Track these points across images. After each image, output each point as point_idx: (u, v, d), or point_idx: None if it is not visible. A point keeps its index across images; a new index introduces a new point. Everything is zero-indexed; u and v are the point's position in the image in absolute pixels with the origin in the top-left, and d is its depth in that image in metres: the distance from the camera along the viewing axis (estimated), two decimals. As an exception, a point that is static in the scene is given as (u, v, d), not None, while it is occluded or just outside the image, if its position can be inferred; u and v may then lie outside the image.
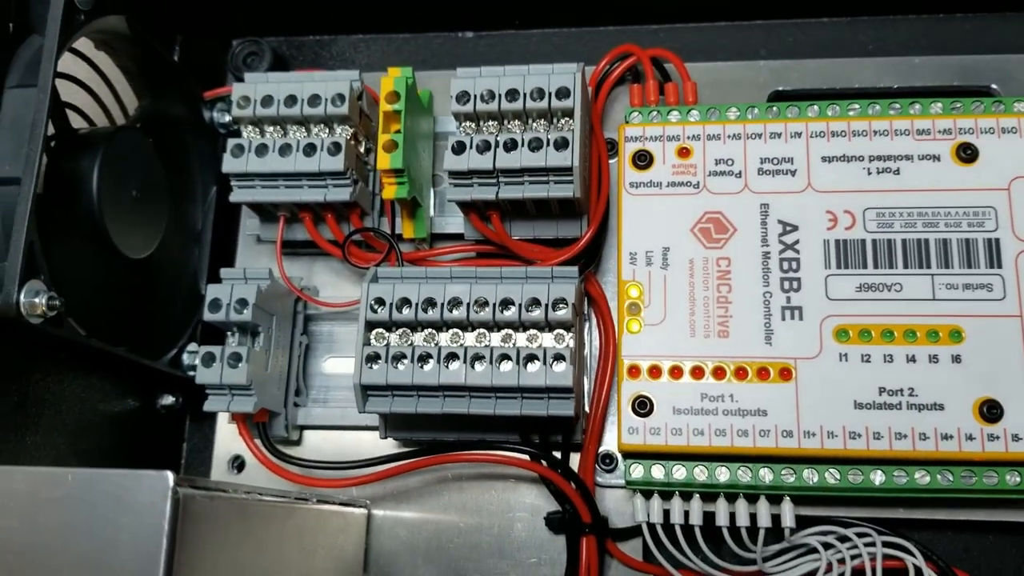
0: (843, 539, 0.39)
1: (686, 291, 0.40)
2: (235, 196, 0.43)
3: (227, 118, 0.48)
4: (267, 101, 0.42)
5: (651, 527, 0.40)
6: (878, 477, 0.38)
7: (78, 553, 0.25)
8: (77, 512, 0.26)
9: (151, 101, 0.45)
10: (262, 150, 0.42)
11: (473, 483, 0.44)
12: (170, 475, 0.26)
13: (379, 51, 0.52)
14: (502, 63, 0.41)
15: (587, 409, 0.42)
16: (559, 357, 0.37)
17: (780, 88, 0.45)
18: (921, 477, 0.37)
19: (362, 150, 0.44)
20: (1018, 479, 0.37)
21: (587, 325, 0.43)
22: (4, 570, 0.26)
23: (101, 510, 0.26)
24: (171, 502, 0.25)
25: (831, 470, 0.38)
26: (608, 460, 0.42)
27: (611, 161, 0.45)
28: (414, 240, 0.45)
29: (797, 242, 0.40)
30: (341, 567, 0.40)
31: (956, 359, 0.38)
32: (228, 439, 0.45)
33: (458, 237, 0.45)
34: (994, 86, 0.44)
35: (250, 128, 0.43)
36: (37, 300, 0.33)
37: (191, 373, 0.44)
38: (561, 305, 0.38)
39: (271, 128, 0.43)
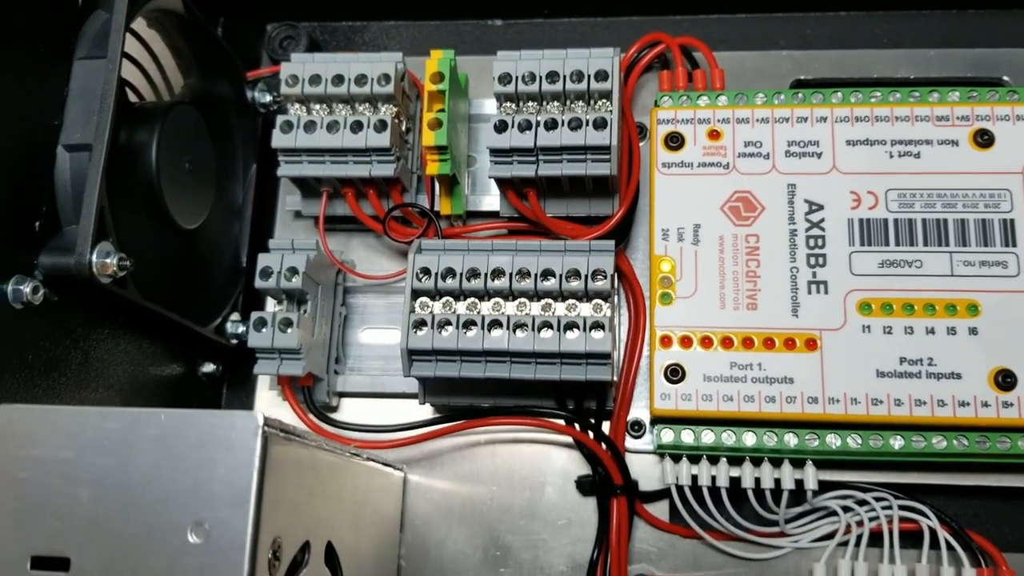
0: (862, 503, 0.42)
1: (716, 266, 0.42)
2: (282, 170, 0.44)
3: (267, 98, 0.49)
4: (315, 80, 0.44)
5: (679, 489, 0.42)
6: (898, 442, 0.40)
7: (172, 487, 0.27)
8: (170, 449, 0.27)
9: (198, 80, 0.46)
10: (310, 127, 0.43)
11: (505, 448, 0.45)
12: (260, 414, 0.27)
13: (410, 37, 0.54)
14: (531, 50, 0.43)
15: (617, 379, 0.44)
16: (597, 325, 0.39)
17: (801, 77, 0.48)
18: (938, 442, 0.40)
19: (403, 129, 0.45)
20: (1029, 444, 0.39)
21: (616, 300, 0.45)
22: (103, 507, 0.27)
23: (193, 447, 0.27)
24: (260, 439, 0.27)
25: (853, 435, 0.40)
26: (637, 427, 0.44)
27: (641, 144, 0.46)
28: (450, 217, 0.46)
29: (822, 220, 0.42)
30: (383, 524, 0.42)
31: (973, 331, 0.40)
32: (266, 407, 0.47)
33: (491, 215, 0.47)
34: (1005, 78, 0.46)
35: (297, 106, 0.44)
36: (108, 260, 0.35)
37: (233, 341, 0.46)
38: (599, 276, 0.40)
39: (318, 106, 0.44)
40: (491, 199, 0.47)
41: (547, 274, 0.40)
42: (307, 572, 0.31)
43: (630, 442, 0.44)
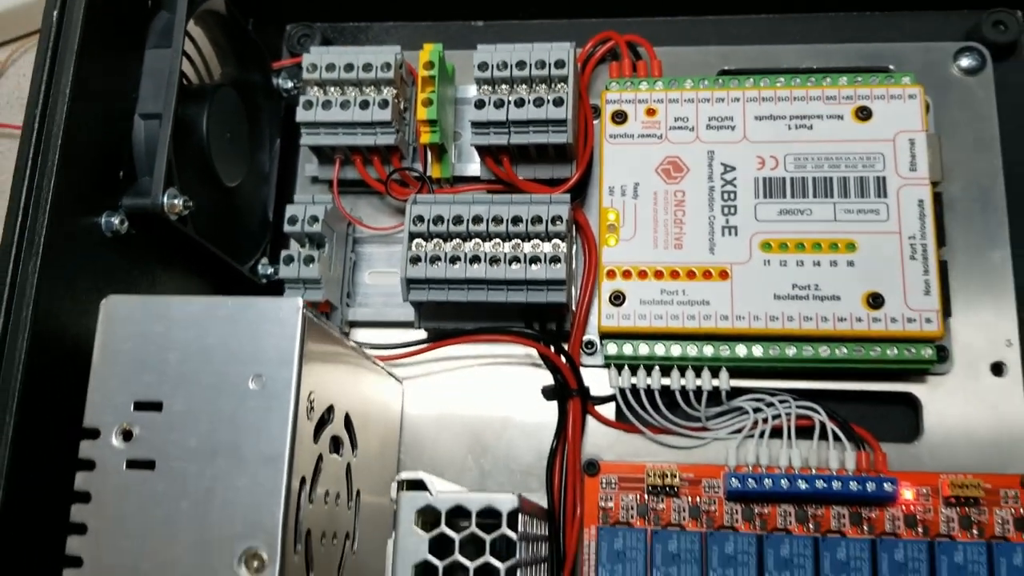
0: (768, 404, 0.52)
1: (651, 215, 0.53)
2: (304, 140, 0.55)
3: (289, 84, 0.60)
4: (330, 68, 0.54)
5: (623, 393, 0.52)
6: (791, 351, 0.51)
7: (237, 350, 0.37)
8: (236, 324, 0.38)
9: (233, 68, 0.57)
10: (327, 105, 0.54)
11: (485, 367, 0.56)
12: (300, 299, 0.38)
13: (407, 35, 0.64)
14: (507, 45, 0.54)
15: (574, 308, 0.54)
16: (555, 259, 0.50)
17: (726, 67, 0.58)
18: (824, 351, 0.50)
19: (401, 108, 0.56)
20: (895, 351, 0.50)
21: (574, 247, 0.56)
22: (187, 366, 0.38)
23: (253, 322, 0.38)
24: (301, 316, 0.38)
25: (757, 345, 0.51)
26: (590, 346, 0.54)
27: (595, 122, 0.57)
28: (440, 180, 0.57)
29: (735, 179, 0.53)
30: (386, 420, 0.52)
31: (850, 264, 0.51)
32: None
33: (473, 179, 0.57)
34: (891, 67, 0.57)
35: (315, 88, 0.55)
36: (175, 202, 0.45)
37: (263, 280, 0.57)
38: (557, 220, 0.50)
39: (332, 89, 0.55)
40: (473, 166, 0.57)
41: (516, 220, 0.51)
42: (331, 428, 0.42)
43: (584, 358, 0.54)
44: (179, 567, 0.36)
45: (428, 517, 0.38)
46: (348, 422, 0.44)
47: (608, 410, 0.54)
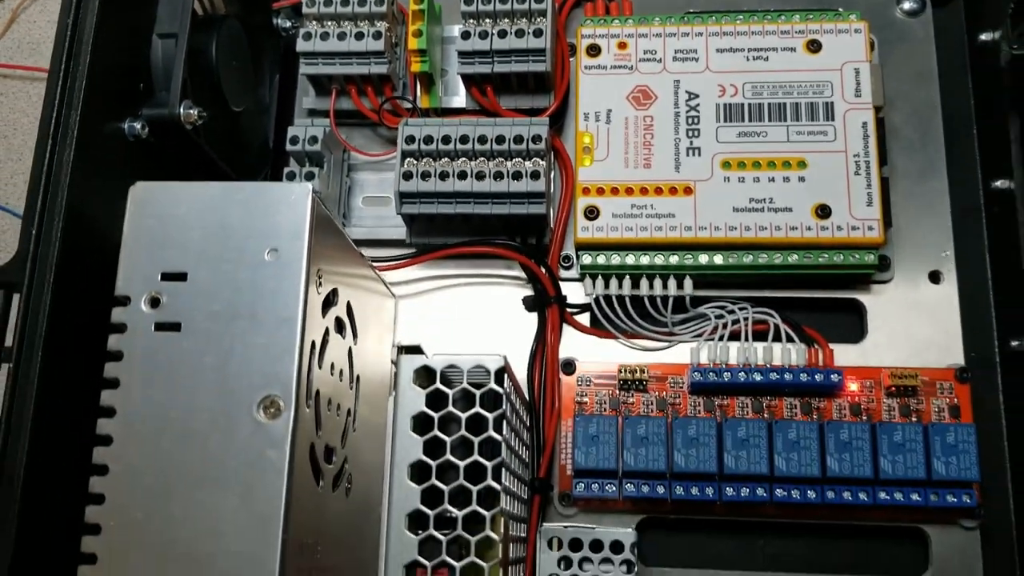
0: (729, 311, 0.57)
1: (622, 138, 0.58)
2: (304, 70, 0.60)
3: (288, 24, 0.65)
4: (327, 2, 0.59)
5: (597, 301, 0.57)
6: (748, 258, 0.56)
7: (254, 228, 0.42)
8: (252, 206, 0.42)
9: (238, 7, 0.61)
10: (325, 36, 0.59)
11: (472, 284, 0.61)
12: (309, 185, 0.42)
13: (396, -16, 0.69)
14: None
15: (552, 225, 0.59)
16: (535, 174, 0.55)
17: (691, 10, 0.63)
18: (777, 258, 0.56)
19: (393, 42, 0.61)
20: (841, 258, 0.55)
21: (552, 173, 0.61)
22: (208, 241, 0.42)
23: (268, 204, 0.42)
24: (311, 198, 0.42)
25: (718, 254, 0.56)
26: (567, 259, 0.59)
27: (571, 59, 0.62)
28: (428, 111, 0.62)
29: (698, 105, 0.58)
30: (382, 323, 0.57)
31: (801, 179, 0.56)
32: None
33: (460, 111, 0.62)
34: (840, 9, 0.62)
35: (314, 22, 0.60)
36: (191, 111, 0.50)
37: (265, 202, 0.61)
38: (537, 139, 0.55)
39: (329, 22, 0.59)
40: (459, 98, 0.62)
41: (500, 140, 0.56)
42: (335, 310, 0.46)
43: (562, 272, 0.59)
44: (203, 414, 0.40)
45: (424, 376, 0.43)
46: (350, 310, 0.49)
47: (584, 319, 0.59)
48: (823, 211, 0.55)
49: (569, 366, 0.57)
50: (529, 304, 0.59)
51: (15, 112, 0.72)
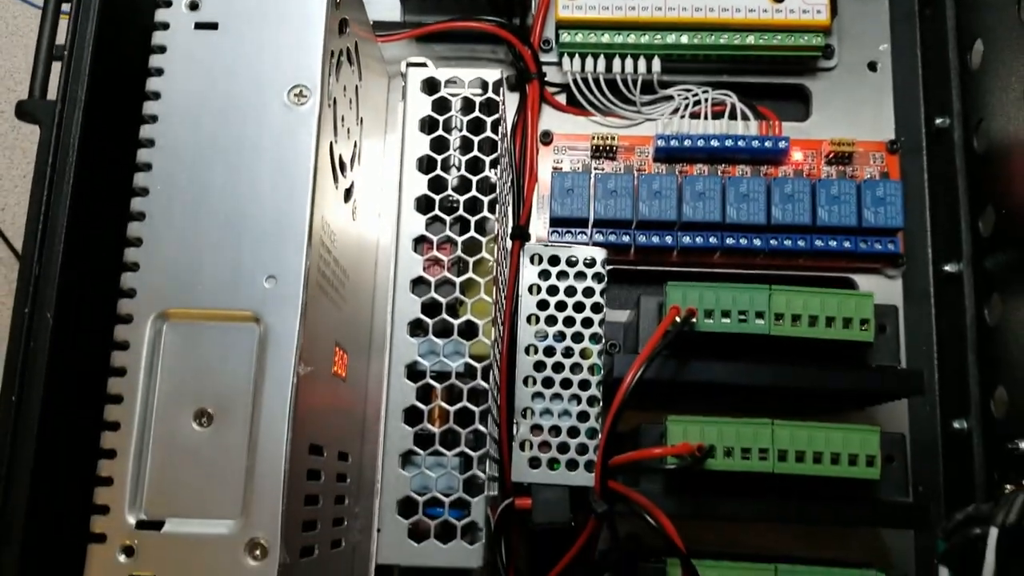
0: (691, 92, 0.64)
1: (601, -70, 0.64)
2: None
3: None
4: None
5: (575, 80, 0.64)
6: (711, 38, 0.62)
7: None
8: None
9: None
10: None
11: (462, 64, 0.66)
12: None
13: None
14: None
15: (534, 9, 0.65)
16: (522, -46, 0.61)
17: None
18: (736, 39, 0.62)
19: None
20: (792, 40, 0.62)
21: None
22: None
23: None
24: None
25: (684, 34, 0.63)
26: (547, 43, 0.66)
27: None
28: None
29: (670, -97, 0.64)
30: (378, 100, 0.62)
31: (760, -30, 0.63)
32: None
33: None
34: None
35: None
36: None
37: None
38: (525, -78, 0.61)
39: None
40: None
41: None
42: (347, 39, 0.52)
43: (543, 56, 0.65)
44: (239, 100, 0.45)
45: (428, 87, 0.48)
46: (357, 50, 0.54)
47: (561, 100, 0.65)
48: (778, -3, 0.62)
49: (547, 136, 0.64)
50: (511, 83, 0.65)
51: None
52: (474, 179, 0.47)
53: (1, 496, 0.41)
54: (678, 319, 0.48)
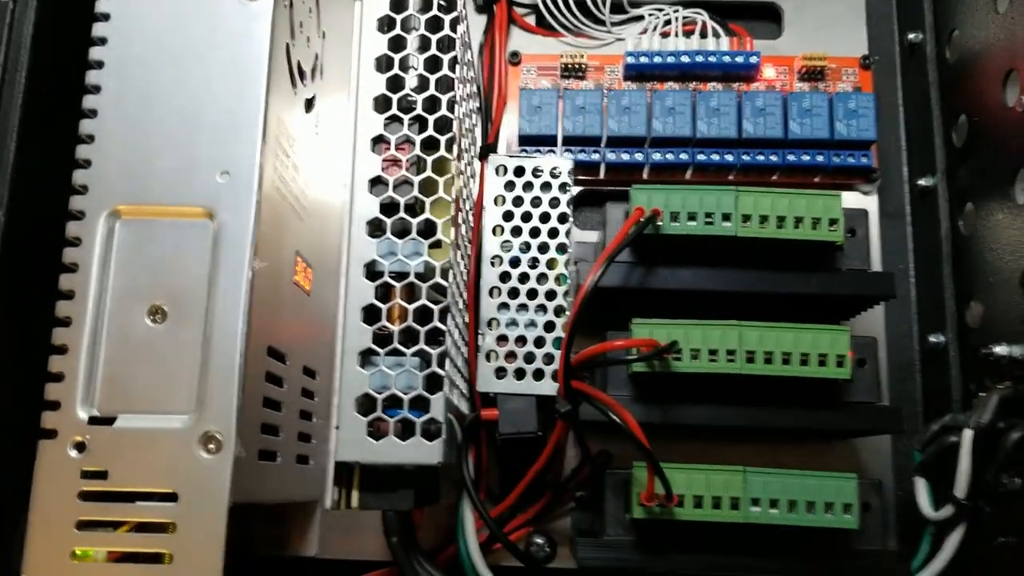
0: (662, 11, 0.63)
1: None
2: None
3: None
4: None
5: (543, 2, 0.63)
6: (680, -46, 0.62)
7: None
8: None
9: None
10: None
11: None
12: None
13: None
14: None
15: (502, -66, 0.64)
16: None
17: None
18: (706, -45, 0.62)
19: None
20: (762, -45, 0.61)
21: None
22: None
23: None
24: None
25: (653, -50, 0.62)
26: (515, -37, 0.65)
27: None
28: None
29: None
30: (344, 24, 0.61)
31: None
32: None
33: None
34: None
35: None
36: None
37: None
38: None
39: None
40: None
41: None
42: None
43: (510, -24, 0.65)
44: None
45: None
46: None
47: (531, 21, 0.64)
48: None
49: (515, 56, 0.63)
50: (479, 4, 0.64)
51: None
52: (432, 78, 0.46)
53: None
54: (642, 219, 0.47)
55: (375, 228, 0.45)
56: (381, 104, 0.46)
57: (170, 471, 0.39)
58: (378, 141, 0.46)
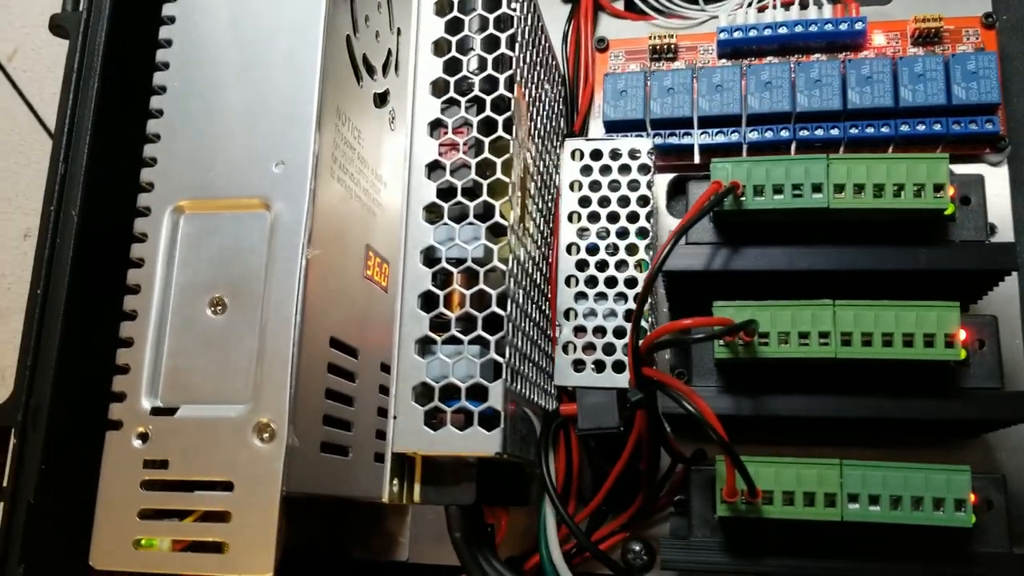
0: (758, -16, 0.59)
1: None
2: None
3: None
4: None
5: (630, -20, 0.60)
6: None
7: None
8: None
9: None
10: None
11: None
12: None
13: None
14: None
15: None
16: None
17: None
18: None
19: None
20: (865, -87, 0.56)
21: None
22: None
23: None
24: None
25: (744, -81, 0.58)
26: (602, -52, 0.62)
27: None
28: None
29: None
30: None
31: None
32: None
33: None
34: None
35: None
36: None
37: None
38: None
39: None
40: None
41: None
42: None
43: (597, -38, 0.62)
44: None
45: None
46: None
47: (619, 5, 0.62)
48: None
49: (602, 42, 0.61)
50: (566, -8, 0.62)
51: None
52: (490, 57, 0.45)
53: (27, 385, 0.42)
54: (718, 193, 0.43)
55: (433, 214, 0.44)
56: (440, 88, 0.45)
57: (226, 460, 0.39)
58: (436, 126, 0.45)
